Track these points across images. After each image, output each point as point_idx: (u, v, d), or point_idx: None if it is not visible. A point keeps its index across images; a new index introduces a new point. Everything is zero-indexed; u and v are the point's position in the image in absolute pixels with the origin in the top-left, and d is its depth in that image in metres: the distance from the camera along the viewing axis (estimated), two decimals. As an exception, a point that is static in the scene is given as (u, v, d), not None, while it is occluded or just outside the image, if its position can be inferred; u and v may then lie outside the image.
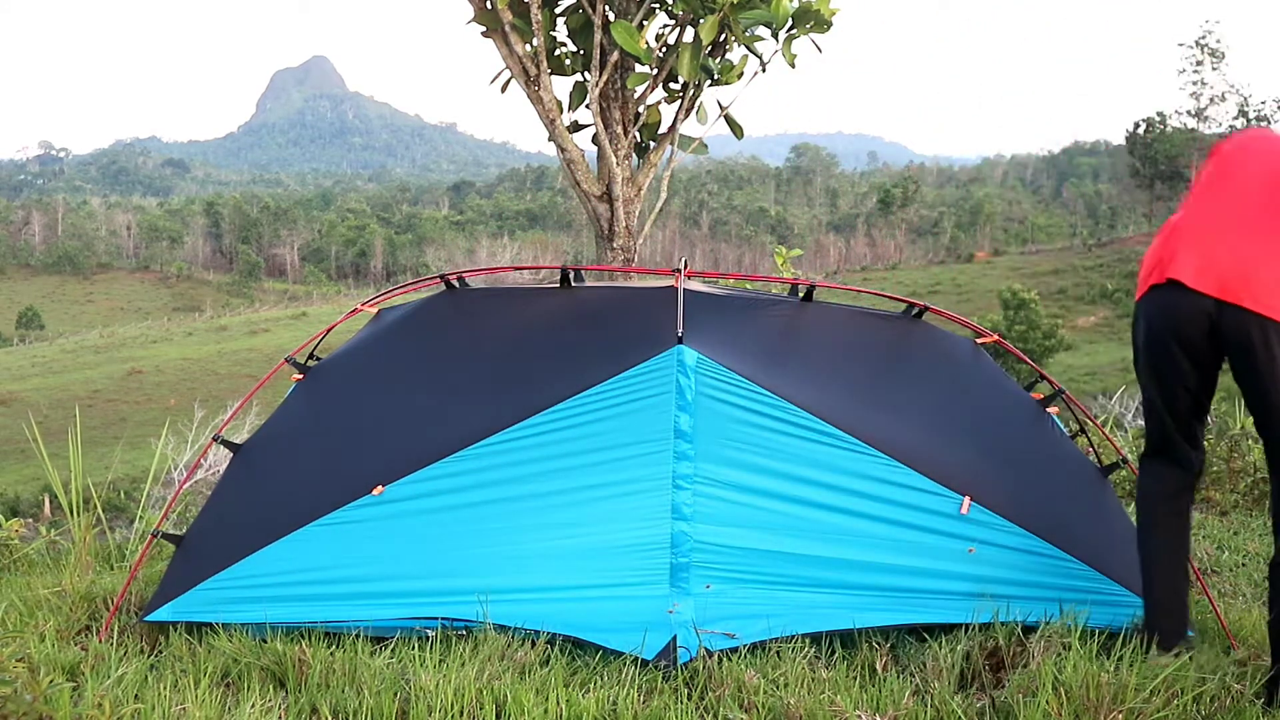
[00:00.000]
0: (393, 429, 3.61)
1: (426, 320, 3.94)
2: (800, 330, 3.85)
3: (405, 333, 3.93)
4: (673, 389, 3.44)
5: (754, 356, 3.61)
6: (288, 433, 3.79)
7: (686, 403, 3.43)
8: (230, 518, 3.59)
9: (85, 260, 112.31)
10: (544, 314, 3.86)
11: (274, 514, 3.46)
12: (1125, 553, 3.41)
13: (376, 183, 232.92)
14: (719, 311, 3.77)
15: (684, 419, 3.42)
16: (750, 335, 3.72)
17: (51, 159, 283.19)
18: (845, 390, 3.63)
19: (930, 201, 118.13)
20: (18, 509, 19.00)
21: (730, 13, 4.62)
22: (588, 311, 3.83)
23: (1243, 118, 71.28)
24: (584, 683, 2.99)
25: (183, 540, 3.58)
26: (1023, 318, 38.99)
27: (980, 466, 3.55)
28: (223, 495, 3.69)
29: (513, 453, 3.44)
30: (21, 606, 3.81)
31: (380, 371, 3.84)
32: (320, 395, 3.84)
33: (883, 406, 3.63)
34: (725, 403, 3.47)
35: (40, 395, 49.59)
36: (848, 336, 3.85)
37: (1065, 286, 60.60)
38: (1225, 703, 2.79)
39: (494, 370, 3.70)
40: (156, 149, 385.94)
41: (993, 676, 3.01)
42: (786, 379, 3.56)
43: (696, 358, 3.48)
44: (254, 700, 2.83)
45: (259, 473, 3.69)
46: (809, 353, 3.76)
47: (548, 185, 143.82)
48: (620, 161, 5.00)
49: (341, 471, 3.50)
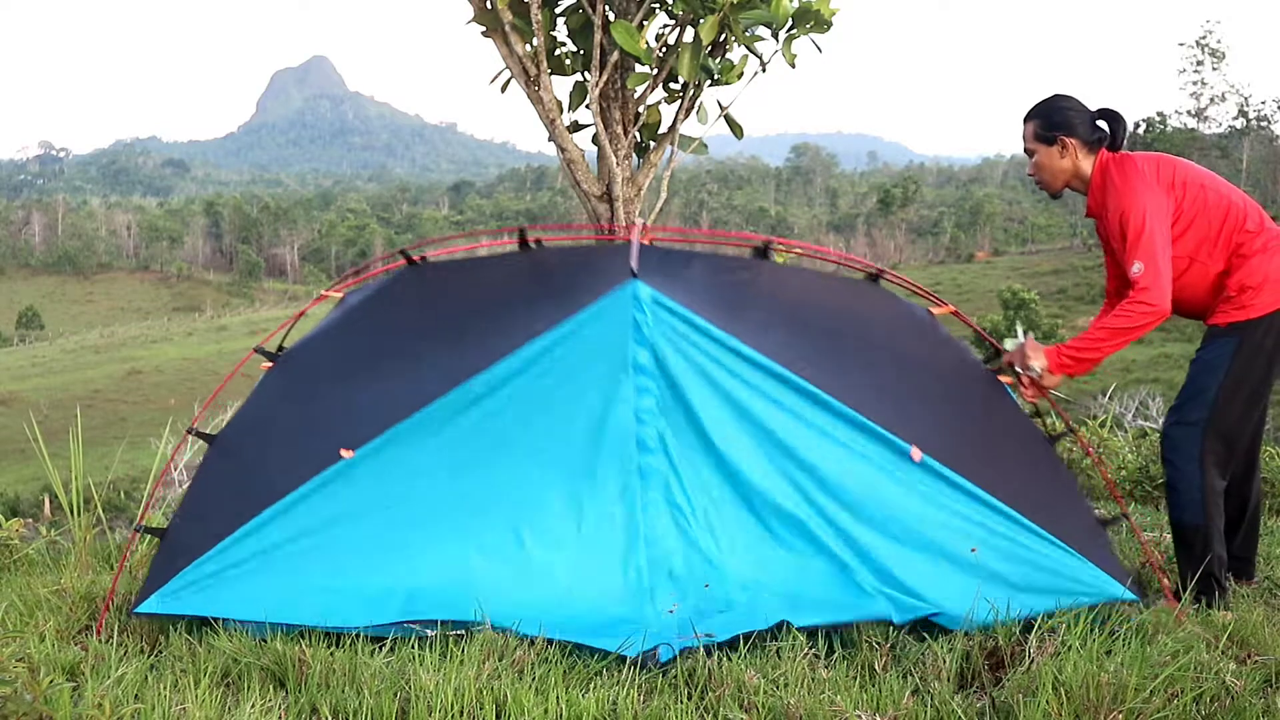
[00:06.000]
0: (359, 399, 3.65)
1: (389, 295, 3.99)
2: (757, 285, 3.87)
3: (368, 309, 3.98)
4: (629, 323, 3.44)
5: (711, 305, 3.63)
6: (259, 418, 3.84)
7: (643, 337, 3.43)
8: (208, 505, 3.63)
9: (85, 260, 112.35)
10: (501, 275, 3.91)
11: (249, 495, 3.51)
12: (1074, 520, 3.49)
13: (376, 183, 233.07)
14: (676, 264, 3.83)
15: (642, 354, 3.42)
16: (708, 285, 3.75)
17: (51, 159, 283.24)
18: (801, 343, 3.66)
19: (930, 201, 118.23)
20: (18, 509, 19.00)
21: (730, 13, 4.61)
22: (544, 268, 3.87)
23: (1242, 118, 71.30)
24: (584, 682, 2.99)
25: (165, 533, 3.62)
26: (1022, 318, 39.01)
27: (932, 424, 3.59)
28: (200, 485, 3.74)
29: (473, 404, 3.47)
30: (21, 606, 3.82)
31: (346, 349, 3.89)
32: (289, 379, 3.89)
33: (838, 360, 3.66)
34: (682, 339, 3.48)
35: (40, 395, 49.59)
36: (804, 294, 3.89)
37: (1065, 286, 60.54)
38: (1225, 703, 2.79)
39: (454, 332, 3.74)
40: (156, 149, 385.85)
41: (992, 676, 3.01)
42: (743, 327, 3.58)
43: (651, 293, 3.49)
44: (254, 700, 2.83)
45: (233, 459, 3.74)
46: (766, 306, 3.79)
47: (548, 185, 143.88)
48: (620, 161, 5.00)
49: (312, 446, 3.54)
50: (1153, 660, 2.92)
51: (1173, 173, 3.63)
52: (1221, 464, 3.61)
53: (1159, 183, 3.59)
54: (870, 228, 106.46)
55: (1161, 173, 3.62)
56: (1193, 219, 3.59)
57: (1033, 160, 3.81)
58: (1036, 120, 3.77)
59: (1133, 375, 35.00)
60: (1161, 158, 3.69)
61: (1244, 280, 3.55)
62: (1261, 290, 3.53)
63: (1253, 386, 3.58)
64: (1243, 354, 3.54)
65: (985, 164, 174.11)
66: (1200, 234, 3.59)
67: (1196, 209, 3.59)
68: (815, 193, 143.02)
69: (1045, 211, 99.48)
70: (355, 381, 3.72)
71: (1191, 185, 3.61)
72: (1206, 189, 3.61)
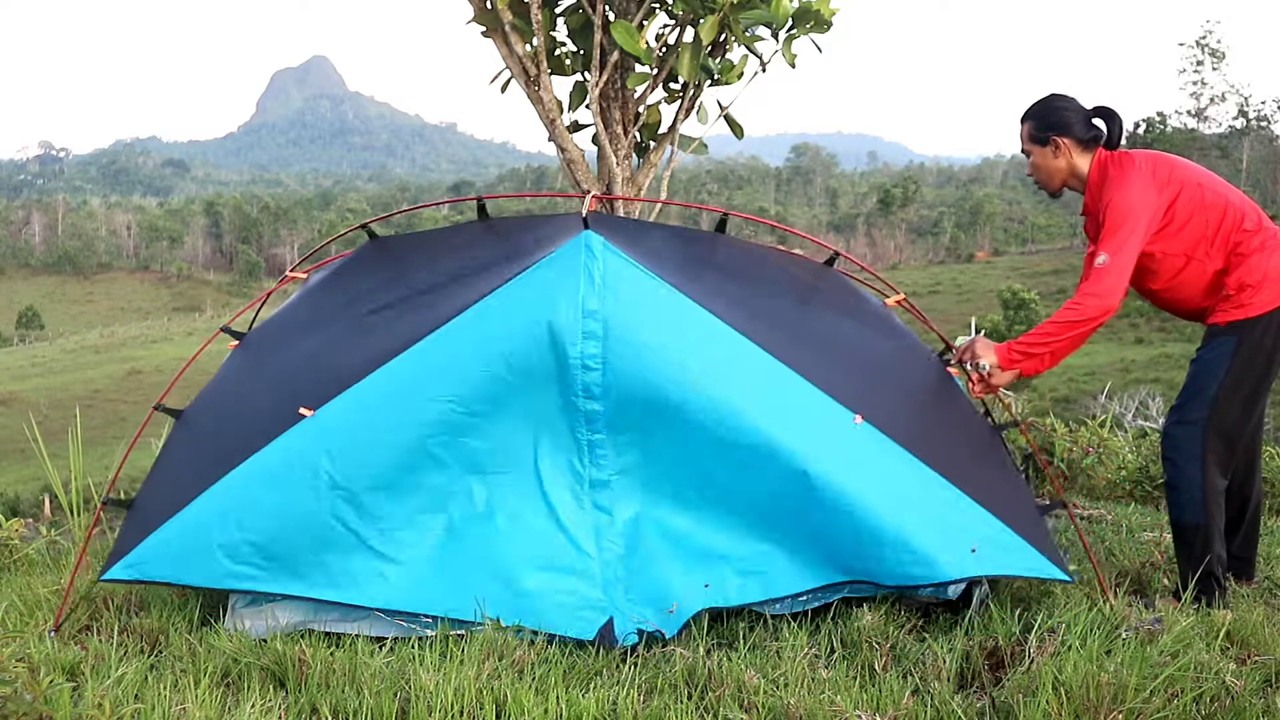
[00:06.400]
0: (319, 363, 3.69)
1: (350, 269, 4.06)
2: (713, 255, 3.90)
3: (330, 283, 4.04)
4: (580, 270, 3.45)
5: (666, 267, 3.65)
6: (224, 391, 3.90)
7: (594, 281, 3.44)
8: (173, 475, 3.67)
9: (85, 260, 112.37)
10: (461, 242, 3.96)
11: (212, 461, 3.54)
12: (1014, 505, 3.49)
13: (376, 183, 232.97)
14: (633, 230, 3.89)
15: (592, 299, 3.42)
16: (663, 252, 3.78)
17: (51, 159, 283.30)
18: (753, 311, 3.68)
19: (930, 201, 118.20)
20: (18, 509, 19.01)
21: (730, 13, 4.61)
22: (501, 235, 3.91)
23: (1242, 118, 71.32)
24: (584, 682, 3.00)
25: (132, 504, 3.68)
26: (1023, 317, 39.06)
27: (877, 399, 3.58)
28: (166, 457, 3.80)
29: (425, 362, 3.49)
30: (21, 606, 3.82)
31: (308, 321, 3.93)
32: (253, 354, 3.96)
33: (787, 333, 3.67)
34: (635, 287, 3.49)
35: (40, 395, 49.60)
36: (759, 268, 3.92)
37: (1065, 286, 60.50)
38: (1225, 703, 2.79)
39: (414, 296, 3.79)
40: (156, 149, 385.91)
41: (992, 676, 3.01)
42: (695, 289, 3.60)
43: (603, 242, 3.51)
44: (254, 700, 2.84)
45: (198, 431, 3.80)
46: (720, 274, 3.81)
47: (548, 185, 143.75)
48: (620, 161, 4.99)
49: (272, 409, 3.57)
50: (1153, 660, 2.92)
51: (1170, 171, 3.63)
52: (1223, 463, 3.61)
53: (1154, 181, 3.59)
54: (870, 228, 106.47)
55: (1158, 171, 3.62)
56: (1189, 217, 3.59)
57: (1030, 161, 3.83)
58: (1031, 121, 3.79)
59: (1132, 375, 35.03)
60: (1160, 156, 3.70)
61: (1243, 278, 3.55)
62: (1260, 288, 3.53)
63: (1252, 385, 3.58)
64: (1242, 353, 3.55)
65: (985, 164, 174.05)
66: (1197, 232, 3.59)
67: (1193, 207, 3.59)
68: (815, 193, 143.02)
69: (1045, 211, 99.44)
70: (315, 346, 3.77)
71: (1189, 184, 3.61)
72: (1204, 188, 3.61)
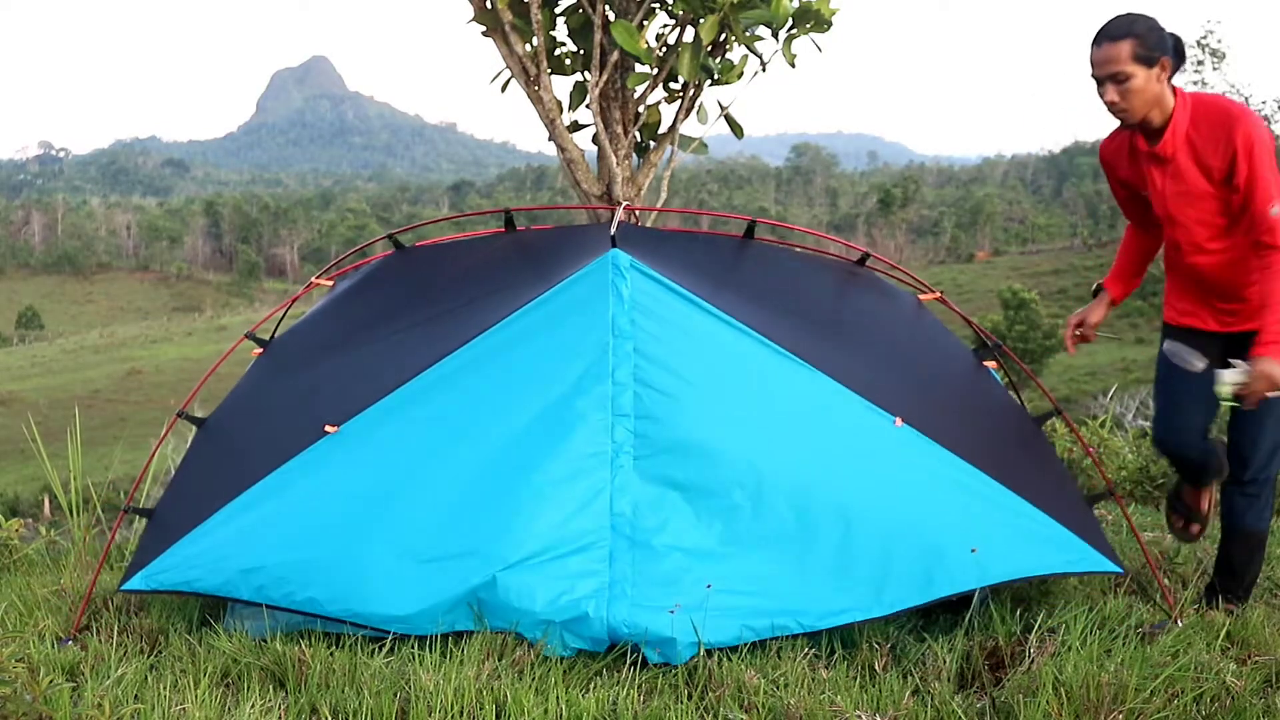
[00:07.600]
0: (345, 378, 3.67)
1: (376, 279, 4.05)
2: (742, 263, 3.88)
3: (357, 293, 4.03)
4: (608, 289, 3.43)
5: (693, 278, 3.63)
6: (248, 401, 3.88)
7: (623, 300, 3.42)
8: (195, 486, 3.65)
9: (85, 260, 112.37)
10: (487, 256, 3.95)
11: (235, 474, 3.51)
12: (1061, 498, 3.47)
13: (376, 183, 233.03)
14: (660, 241, 3.87)
15: (622, 318, 3.40)
16: (691, 262, 3.76)
17: (51, 159, 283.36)
18: (785, 318, 3.65)
19: (930, 201, 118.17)
20: (18, 509, 19.01)
21: (730, 13, 4.61)
22: (527, 248, 3.90)
23: (1243, 118, 71.07)
24: (584, 682, 2.99)
25: (153, 514, 3.65)
26: (1023, 317, 38.99)
27: (916, 400, 3.56)
28: (188, 467, 3.77)
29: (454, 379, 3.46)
30: (21, 606, 3.82)
31: (334, 332, 3.92)
32: (278, 363, 3.94)
33: (822, 336, 3.65)
34: (662, 304, 3.46)
35: (40, 395, 49.59)
36: (790, 274, 3.91)
37: (1065, 286, 60.51)
38: (1226, 703, 2.79)
39: (440, 310, 3.78)
40: (156, 149, 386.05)
41: (992, 676, 3.01)
42: (725, 299, 3.58)
43: (630, 260, 3.49)
44: (254, 700, 2.84)
45: (221, 441, 3.77)
46: (750, 283, 3.79)
47: (548, 185, 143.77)
48: (620, 161, 4.99)
49: (297, 424, 3.55)
50: (1153, 660, 2.93)
51: None
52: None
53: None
54: (870, 228, 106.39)
55: None
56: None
57: (1123, 85, 3.23)
58: (1135, 39, 3.21)
59: (1133, 375, 34.96)
60: None
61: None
62: None
63: None
64: None
65: (985, 164, 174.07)
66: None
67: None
68: (815, 193, 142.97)
69: (1045, 211, 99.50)
70: (341, 361, 3.75)
71: None
72: None
